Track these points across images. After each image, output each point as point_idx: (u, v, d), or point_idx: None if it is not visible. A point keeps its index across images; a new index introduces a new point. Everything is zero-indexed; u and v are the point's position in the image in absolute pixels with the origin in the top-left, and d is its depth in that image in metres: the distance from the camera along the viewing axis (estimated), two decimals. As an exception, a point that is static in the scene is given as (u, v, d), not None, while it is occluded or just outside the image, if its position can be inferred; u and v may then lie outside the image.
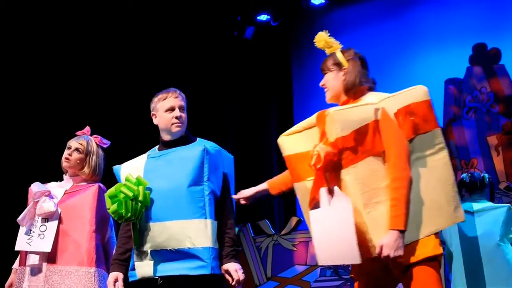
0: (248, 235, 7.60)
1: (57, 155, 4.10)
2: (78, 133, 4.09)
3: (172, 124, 3.42)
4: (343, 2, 7.98)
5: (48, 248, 3.73)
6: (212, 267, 3.15)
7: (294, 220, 7.66)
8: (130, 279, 3.34)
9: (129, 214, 3.20)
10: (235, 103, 8.31)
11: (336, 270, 7.20)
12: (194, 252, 3.15)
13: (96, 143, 4.05)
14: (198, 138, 3.51)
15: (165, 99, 3.46)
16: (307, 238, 7.55)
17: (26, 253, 3.82)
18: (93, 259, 3.75)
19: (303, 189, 2.99)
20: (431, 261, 2.76)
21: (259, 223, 7.61)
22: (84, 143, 3.99)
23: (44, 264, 3.75)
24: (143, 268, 3.26)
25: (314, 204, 2.86)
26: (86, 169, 3.96)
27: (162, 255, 3.21)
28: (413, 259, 2.74)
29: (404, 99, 2.88)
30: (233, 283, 3.16)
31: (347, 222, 2.71)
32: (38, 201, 3.83)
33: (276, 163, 7.87)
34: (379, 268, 2.87)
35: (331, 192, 2.78)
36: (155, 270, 3.22)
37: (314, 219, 2.87)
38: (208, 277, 3.17)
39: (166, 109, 3.44)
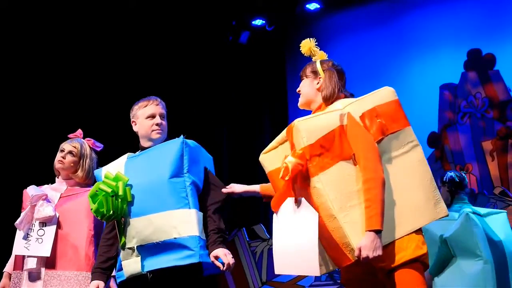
0: (243, 240, 7.60)
1: (48, 158, 4.09)
2: (70, 136, 4.07)
3: (153, 130, 3.46)
4: (337, 8, 7.98)
5: (47, 253, 3.71)
6: (200, 255, 3.13)
7: (289, 225, 7.65)
8: (118, 280, 3.33)
9: (111, 212, 3.20)
10: (229, 108, 8.31)
11: (331, 275, 7.20)
12: (181, 242, 3.14)
13: (89, 146, 4.03)
14: (181, 136, 3.50)
15: (145, 106, 3.51)
16: (302, 243, 7.54)
17: (23, 257, 3.79)
18: (92, 264, 3.74)
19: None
20: (413, 262, 2.76)
21: (254, 227, 7.61)
22: (77, 146, 3.98)
23: (43, 269, 3.73)
24: (131, 265, 3.25)
25: (277, 213, 2.89)
26: (79, 173, 3.94)
27: (149, 249, 3.20)
28: (394, 264, 2.75)
29: (369, 101, 2.91)
30: (224, 268, 3.14)
31: (311, 234, 2.73)
32: (35, 205, 3.81)
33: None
34: (365, 272, 2.88)
35: (297, 203, 2.80)
36: (143, 266, 3.21)
37: (277, 228, 2.89)
38: (198, 266, 3.17)
39: (147, 116, 3.48)
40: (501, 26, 6.99)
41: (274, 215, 2.92)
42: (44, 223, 3.78)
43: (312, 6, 7.93)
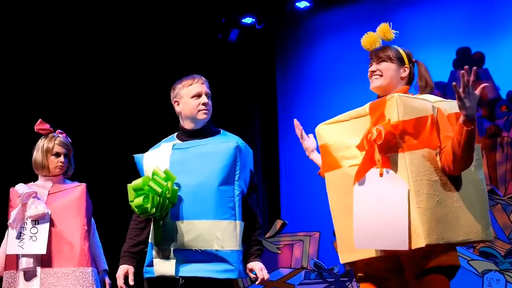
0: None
1: (24, 155, 4.05)
2: (42, 132, 4.01)
3: (199, 111, 3.30)
4: (327, 6, 7.97)
5: (43, 251, 3.70)
6: (239, 271, 3.09)
7: (278, 223, 7.67)
8: (146, 275, 3.23)
9: (154, 210, 3.05)
10: (218, 106, 8.29)
11: (321, 273, 7.20)
12: (222, 255, 3.06)
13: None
14: (221, 130, 3.40)
15: (190, 85, 3.33)
16: (291, 241, 7.55)
17: (17, 257, 3.77)
18: (89, 260, 3.75)
19: (338, 177, 2.91)
20: (448, 272, 2.74)
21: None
22: (66, 146, 3.99)
23: (38, 268, 3.72)
24: (163, 266, 3.13)
25: (360, 181, 2.78)
26: (70, 169, 4.00)
27: (186, 254, 3.10)
28: (432, 264, 2.72)
29: (456, 106, 2.81)
30: (258, 283, 3.13)
31: (401, 205, 2.64)
32: (26, 203, 3.78)
33: (260, 164, 7.86)
34: (391, 269, 2.83)
35: (383, 174, 2.72)
36: (177, 270, 3.10)
37: (359, 199, 2.79)
38: (233, 280, 3.12)
39: (192, 95, 3.31)
40: (490, 25, 7.00)
41: (356, 185, 2.80)
42: (36, 220, 3.77)
43: (302, 4, 7.91)
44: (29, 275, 3.74)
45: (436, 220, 2.63)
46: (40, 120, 4.03)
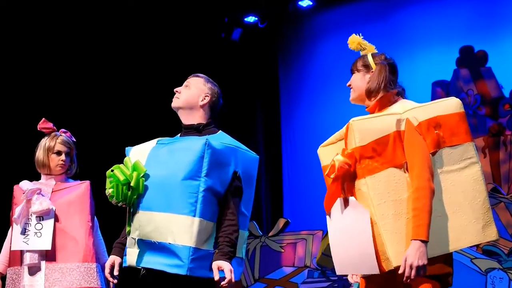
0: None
1: (27, 154, 4.07)
2: (45, 131, 4.03)
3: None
4: (330, 5, 7.98)
5: (48, 246, 3.71)
6: (189, 268, 3.03)
7: (281, 222, 7.67)
8: (124, 265, 3.29)
9: (120, 199, 3.15)
10: (221, 105, 8.29)
11: (324, 272, 7.21)
12: (173, 249, 3.05)
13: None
14: (220, 131, 3.44)
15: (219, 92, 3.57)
16: (295, 240, 7.56)
17: (21, 253, 3.78)
18: (93, 255, 3.78)
19: None
20: (434, 279, 2.71)
21: (247, 225, 7.60)
22: (68, 145, 3.99)
23: (43, 263, 3.74)
24: (131, 255, 3.21)
25: (330, 211, 2.83)
26: (73, 169, 4.02)
27: (146, 245, 3.14)
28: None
29: (432, 109, 2.82)
30: (223, 283, 3.02)
31: (364, 233, 2.67)
32: (30, 199, 3.80)
33: (263, 163, 7.87)
34: (387, 283, 2.81)
35: (347, 203, 2.75)
36: (139, 260, 3.16)
37: (331, 229, 2.85)
38: (188, 278, 3.06)
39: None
40: (493, 23, 7.00)
41: (327, 216, 2.86)
42: (41, 217, 3.78)
43: (305, 3, 7.92)
44: (33, 270, 3.75)
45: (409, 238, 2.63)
46: (43, 119, 4.04)
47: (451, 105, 2.85)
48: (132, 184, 3.13)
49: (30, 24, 6.89)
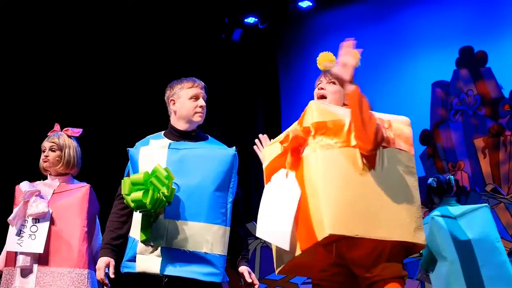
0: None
1: (38, 154, 4.08)
2: (49, 133, 4.07)
3: (196, 113, 3.39)
4: (330, 6, 7.99)
5: (40, 249, 3.70)
6: (224, 275, 3.15)
7: (281, 223, 7.66)
8: (125, 270, 3.22)
9: (150, 206, 3.05)
10: (221, 105, 8.31)
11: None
12: (210, 258, 3.11)
13: (67, 136, 4.03)
14: (209, 137, 3.48)
15: (190, 87, 3.41)
16: (294, 241, 7.55)
17: (15, 254, 3.78)
18: (86, 261, 3.74)
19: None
20: (399, 278, 2.74)
21: (247, 225, 7.61)
22: (56, 140, 4.00)
23: (35, 266, 3.73)
24: (147, 262, 3.13)
25: (271, 179, 2.88)
26: (66, 164, 3.97)
27: (173, 254, 3.11)
28: (380, 278, 2.72)
29: (386, 116, 2.88)
30: (255, 286, 3.29)
31: (290, 208, 2.70)
32: (28, 201, 3.80)
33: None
34: (344, 275, 2.83)
35: (287, 176, 2.78)
36: (162, 268, 3.11)
37: (265, 195, 2.88)
38: (216, 284, 3.15)
39: (191, 97, 3.39)
40: (493, 24, 7.01)
41: (268, 183, 2.89)
42: (37, 219, 3.78)
43: (305, 4, 7.93)
44: (25, 272, 3.73)
45: (351, 213, 2.62)
46: (55, 123, 4.08)
47: (403, 119, 2.94)
48: (166, 193, 3.07)
49: (31, 24, 6.90)
